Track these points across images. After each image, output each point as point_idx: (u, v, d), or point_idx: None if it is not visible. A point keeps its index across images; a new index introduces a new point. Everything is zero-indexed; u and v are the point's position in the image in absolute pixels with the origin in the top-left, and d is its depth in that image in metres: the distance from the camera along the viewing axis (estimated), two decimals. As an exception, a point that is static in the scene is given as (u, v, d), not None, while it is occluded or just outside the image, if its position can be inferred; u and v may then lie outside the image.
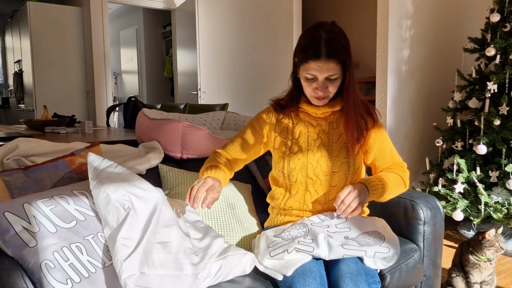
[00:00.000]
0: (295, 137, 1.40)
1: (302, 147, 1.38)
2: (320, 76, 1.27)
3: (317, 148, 1.37)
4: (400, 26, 2.99)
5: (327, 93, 1.31)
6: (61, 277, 0.98)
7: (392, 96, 2.99)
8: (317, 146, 1.38)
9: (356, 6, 4.49)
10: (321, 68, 1.24)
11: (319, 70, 1.25)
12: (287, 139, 1.41)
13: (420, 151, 3.22)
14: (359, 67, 4.49)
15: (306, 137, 1.39)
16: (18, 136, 1.98)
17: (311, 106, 1.39)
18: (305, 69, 1.27)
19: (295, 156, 1.38)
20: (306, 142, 1.39)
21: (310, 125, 1.40)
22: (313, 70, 1.26)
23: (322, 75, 1.26)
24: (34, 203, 1.08)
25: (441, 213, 1.59)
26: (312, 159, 1.36)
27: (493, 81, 2.53)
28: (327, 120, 1.40)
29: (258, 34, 4.18)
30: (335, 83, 1.30)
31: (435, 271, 1.60)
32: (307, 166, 1.36)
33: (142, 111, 1.88)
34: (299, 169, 1.37)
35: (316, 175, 1.36)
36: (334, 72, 1.26)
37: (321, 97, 1.32)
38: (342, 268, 1.21)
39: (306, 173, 1.36)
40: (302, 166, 1.37)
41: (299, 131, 1.40)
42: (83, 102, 5.13)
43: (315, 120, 1.40)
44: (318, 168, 1.36)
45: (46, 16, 4.79)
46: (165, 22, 6.73)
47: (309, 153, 1.37)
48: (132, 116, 3.32)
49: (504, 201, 2.43)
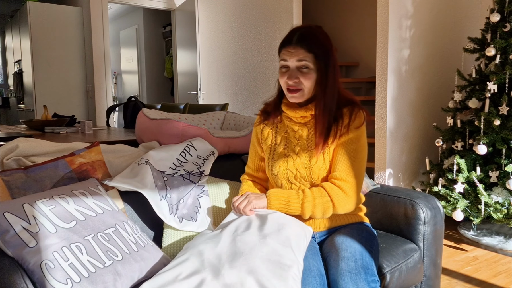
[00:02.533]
0: (277, 143, 1.42)
1: (283, 153, 1.40)
2: (290, 63, 1.30)
3: (296, 154, 1.38)
4: (400, 26, 2.99)
5: (299, 85, 1.31)
6: (61, 277, 0.98)
7: (392, 96, 2.99)
8: (296, 152, 1.38)
9: (356, 6, 4.49)
10: (291, 53, 1.29)
11: (289, 55, 1.29)
12: (271, 144, 1.44)
13: (420, 151, 3.23)
14: (359, 67, 4.49)
15: (286, 143, 1.41)
16: (18, 136, 1.99)
17: (291, 109, 1.39)
18: (280, 58, 1.33)
19: (276, 162, 1.40)
20: (286, 148, 1.40)
21: (291, 130, 1.41)
22: (284, 56, 1.31)
23: (292, 62, 1.29)
24: (34, 203, 1.08)
25: (441, 213, 1.59)
26: (291, 166, 1.37)
27: (493, 81, 2.54)
28: (307, 125, 1.40)
29: (258, 34, 4.18)
30: (308, 75, 1.29)
31: (435, 271, 1.60)
32: (287, 173, 1.38)
33: (142, 111, 1.88)
34: (282, 174, 1.39)
35: (297, 180, 1.37)
36: (303, 58, 1.28)
37: (293, 88, 1.31)
38: (342, 266, 1.21)
39: (288, 179, 1.38)
40: (284, 172, 1.38)
41: (281, 137, 1.43)
42: (83, 102, 5.13)
43: (297, 125, 1.41)
44: (298, 174, 1.37)
45: (46, 16, 4.79)
46: (165, 22, 6.74)
47: (288, 159, 1.38)
48: (132, 116, 3.32)
49: (504, 201, 2.43)
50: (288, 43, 1.30)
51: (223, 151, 1.83)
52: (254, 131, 1.52)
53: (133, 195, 1.43)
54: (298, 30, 1.32)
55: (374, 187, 1.70)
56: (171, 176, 1.47)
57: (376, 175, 3.07)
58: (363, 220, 1.47)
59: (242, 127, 2.08)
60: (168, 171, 1.49)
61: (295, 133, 1.40)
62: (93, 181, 1.34)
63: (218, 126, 2.17)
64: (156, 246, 1.27)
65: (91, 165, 1.40)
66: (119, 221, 1.22)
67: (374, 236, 1.38)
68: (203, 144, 1.70)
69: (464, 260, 2.42)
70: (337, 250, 1.25)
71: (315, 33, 1.31)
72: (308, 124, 1.39)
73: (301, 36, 1.29)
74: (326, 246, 1.32)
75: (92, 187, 1.29)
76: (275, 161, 1.40)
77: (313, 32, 1.31)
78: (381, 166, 3.04)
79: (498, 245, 2.58)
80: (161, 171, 1.47)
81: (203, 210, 1.46)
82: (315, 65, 1.29)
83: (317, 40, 1.30)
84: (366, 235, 1.34)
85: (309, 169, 1.35)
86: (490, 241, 2.63)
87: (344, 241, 1.28)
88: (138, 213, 1.45)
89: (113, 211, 1.25)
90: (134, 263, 1.13)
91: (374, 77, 3.78)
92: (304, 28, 1.32)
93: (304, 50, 1.28)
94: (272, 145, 1.43)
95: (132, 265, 1.12)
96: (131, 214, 1.43)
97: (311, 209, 1.29)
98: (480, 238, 2.68)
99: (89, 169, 1.39)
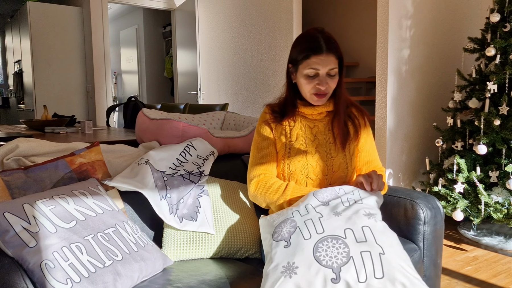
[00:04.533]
0: (293, 139, 1.43)
1: (301, 149, 1.41)
2: (322, 70, 1.32)
3: (316, 149, 1.40)
4: (400, 26, 2.99)
5: (328, 89, 1.36)
6: (61, 277, 0.98)
7: (392, 96, 2.99)
8: (315, 147, 1.41)
9: (356, 6, 4.49)
10: (323, 61, 1.31)
11: (321, 63, 1.31)
12: (286, 141, 1.44)
13: (420, 151, 3.23)
14: (359, 67, 4.49)
15: (304, 139, 1.42)
16: (18, 136, 1.99)
17: (307, 108, 1.43)
18: (307, 65, 1.32)
19: (294, 158, 1.40)
20: (304, 144, 1.41)
21: (307, 126, 1.43)
22: (315, 65, 1.31)
23: (324, 69, 1.32)
24: (34, 203, 1.08)
25: (441, 213, 1.59)
26: (311, 160, 1.39)
27: (493, 81, 2.53)
28: (323, 121, 1.44)
29: (258, 34, 4.19)
30: (335, 79, 1.36)
31: (435, 271, 1.60)
32: (307, 168, 1.39)
33: (142, 111, 1.88)
34: (299, 170, 1.39)
35: (316, 175, 1.39)
36: (334, 66, 1.33)
37: (323, 93, 1.36)
38: None
39: (307, 174, 1.39)
40: (302, 168, 1.39)
41: (297, 133, 1.43)
42: (83, 102, 5.13)
43: (312, 121, 1.44)
44: (318, 168, 1.39)
45: (46, 16, 4.79)
46: (165, 22, 6.74)
47: (308, 154, 1.40)
48: (132, 116, 3.32)
49: (504, 201, 2.43)
50: (319, 50, 1.31)
51: (223, 151, 1.83)
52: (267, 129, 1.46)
53: (133, 195, 1.43)
54: (321, 34, 1.34)
55: (374, 187, 1.70)
56: (171, 176, 1.47)
57: (376, 175, 3.06)
58: None
59: (242, 127, 2.08)
60: (168, 171, 1.49)
61: (311, 129, 1.43)
62: (93, 181, 1.34)
63: (218, 126, 2.18)
64: (156, 246, 1.27)
65: (91, 165, 1.40)
66: (119, 221, 1.22)
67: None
68: (203, 144, 1.70)
69: (464, 260, 2.42)
70: None
71: (332, 37, 1.36)
72: (323, 121, 1.44)
73: (327, 42, 1.32)
74: None
75: (92, 187, 1.29)
76: (292, 157, 1.40)
77: (331, 36, 1.36)
78: (381, 166, 3.04)
79: (498, 245, 2.58)
80: (161, 171, 1.47)
81: (203, 210, 1.46)
82: (339, 69, 1.36)
83: (338, 45, 1.35)
84: None
85: (330, 161, 1.39)
86: (490, 241, 2.63)
87: None
88: (138, 213, 1.45)
89: (113, 211, 1.25)
90: (134, 263, 1.13)
91: (374, 77, 3.78)
92: (322, 33, 1.34)
93: (335, 57, 1.33)
94: (287, 142, 1.43)
95: (132, 265, 1.12)
96: (131, 214, 1.43)
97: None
98: (480, 238, 2.69)
99: (89, 169, 1.39)
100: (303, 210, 1.17)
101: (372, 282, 0.95)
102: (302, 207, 1.18)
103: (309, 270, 0.99)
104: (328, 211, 1.15)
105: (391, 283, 0.95)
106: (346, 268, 0.98)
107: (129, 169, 1.46)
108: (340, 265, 0.98)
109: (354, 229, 1.07)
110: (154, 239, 1.45)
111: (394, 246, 1.05)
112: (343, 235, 1.05)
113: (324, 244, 1.03)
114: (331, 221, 1.10)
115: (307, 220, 1.12)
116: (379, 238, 1.05)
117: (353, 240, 1.04)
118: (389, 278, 0.96)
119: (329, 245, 1.03)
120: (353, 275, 0.97)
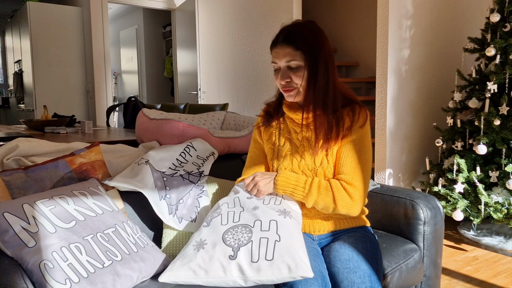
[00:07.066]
0: (281, 144, 1.41)
1: (287, 155, 1.39)
2: (279, 63, 1.30)
3: (301, 156, 1.37)
4: (400, 26, 2.99)
5: (290, 84, 1.30)
6: (60, 277, 0.98)
7: (392, 96, 2.99)
8: (300, 154, 1.37)
9: (356, 6, 4.49)
10: (278, 54, 1.29)
11: (277, 56, 1.30)
12: (274, 146, 1.42)
13: (420, 151, 3.22)
14: (359, 67, 4.49)
15: (290, 145, 1.40)
16: (18, 136, 1.99)
17: (291, 111, 1.37)
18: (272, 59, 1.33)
19: (281, 165, 1.39)
20: (290, 150, 1.39)
21: (294, 131, 1.40)
22: (274, 58, 1.32)
23: (281, 62, 1.29)
24: (34, 204, 1.08)
25: (441, 213, 1.59)
26: (296, 168, 1.36)
27: (493, 81, 2.53)
28: (310, 126, 1.36)
29: (258, 34, 4.18)
30: (298, 73, 1.28)
31: (435, 271, 1.60)
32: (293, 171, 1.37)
33: (142, 111, 1.88)
34: None
35: None
36: (292, 58, 1.27)
37: (287, 88, 1.31)
38: (341, 265, 1.22)
39: None
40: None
41: (284, 138, 1.41)
42: (83, 102, 5.13)
43: (299, 126, 1.39)
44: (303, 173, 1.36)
45: (46, 16, 4.79)
46: (165, 22, 6.74)
47: (293, 161, 1.37)
48: (132, 116, 3.32)
49: (504, 201, 2.43)
50: (274, 43, 1.30)
51: (223, 151, 1.83)
52: (256, 133, 1.49)
53: (133, 195, 1.43)
54: (285, 29, 1.31)
55: (374, 187, 1.70)
56: (170, 176, 1.47)
57: (376, 175, 3.07)
58: (365, 223, 1.45)
59: (242, 127, 2.08)
60: (168, 171, 1.49)
61: (297, 134, 1.39)
62: (93, 181, 1.34)
63: (218, 126, 2.17)
64: (156, 246, 1.27)
65: (91, 165, 1.40)
66: (119, 222, 1.22)
67: (377, 245, 1.36)
68: (203, 144, 1.70)
69: (464, 260, 2.42)
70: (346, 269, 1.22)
71: (302, 29, 1.29)
72: (311, 125, 1.36)
73: (286, 34, 1.28)
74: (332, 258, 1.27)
75: (92, 187, 1.29)
76: (279, 162, 1.39)
77: (300, 28, 1.29)
78: (381, 166, 3.04)
79: (498, 245, 2.58)
80: (161, 171, 1.47)
81: (203, 211, 1.46)
82: (305, 62, 1.27)
83: (303, 36, 1.27)
84: (371, 247, 1.32)
85: (314, 171, 1.34)
86: (490, 241, 2.63)
87: (351, 258, 1.24)
88: (138, 213, 1.45)
89: (113, 211, 1.25)
90: (134, 263, 1.13)
91: (374, 77, 3.78)
92: (291, 26, 1.31)
93: (291, 49, 1.27)
94: (275, 146, 1.42)
95: (131, 266, 1.12)
96: (131, 214, 1.43)
97: (312, 203, 1.30)
98: (480, 238, 2.68)
99: (89, 169, 1.39)
100: (231, 203, 1.31)
101: (262, 263, 1.10)
102: (231, 200, 1.32)
103: (214, 248, 1.14)
104: (250, 205, 1.27)
105: (276, 265, 1.09)
106: (244, 248, 1.13)
107: (129, 169, 1.46)
108: (240, 246, 1.14)
109: (263, 220, 1.20)
110: (154, 239, 1.44)
111: (292, 238, 1.16)
112: (251, 225, 1.19)
113: (234, 230, 1.19)
114: (249, 214, 1.24)
115: (230, 211, 1.27)
116: (281, 230, 1.17)
117: (258, 229, 1.18)
118: (277, 261, 1.10)
119: (238, 231, 1.18)
120: (248, 255, 1.12)
